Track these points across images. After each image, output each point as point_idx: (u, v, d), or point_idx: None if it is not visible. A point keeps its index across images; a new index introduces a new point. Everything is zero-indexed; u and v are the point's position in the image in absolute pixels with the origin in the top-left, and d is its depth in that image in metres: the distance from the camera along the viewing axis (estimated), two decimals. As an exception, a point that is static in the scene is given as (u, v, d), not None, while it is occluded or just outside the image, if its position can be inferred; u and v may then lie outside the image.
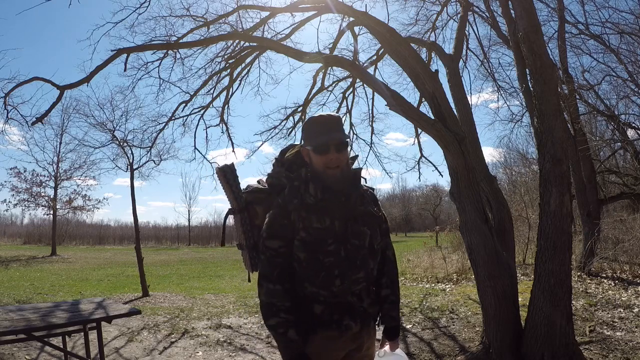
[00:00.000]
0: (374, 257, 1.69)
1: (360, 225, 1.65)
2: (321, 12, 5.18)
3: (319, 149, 1.61)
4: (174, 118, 7.67)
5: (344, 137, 1.63)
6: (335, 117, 1.68)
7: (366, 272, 1.65)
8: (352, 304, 1.64)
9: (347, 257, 1.60)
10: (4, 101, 4.72)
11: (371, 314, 1.72)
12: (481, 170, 4.40)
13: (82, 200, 20.73)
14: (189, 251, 26.20)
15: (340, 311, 1.62)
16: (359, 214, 1.65)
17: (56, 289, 8.84)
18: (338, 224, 1.60)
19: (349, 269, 1.60)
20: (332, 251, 1.58)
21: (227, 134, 8.00)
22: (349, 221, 1.62)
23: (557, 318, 3.45)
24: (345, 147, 1.63)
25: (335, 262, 1.58)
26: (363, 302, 1.67)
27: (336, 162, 1.60)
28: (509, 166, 19.22)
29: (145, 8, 5.94)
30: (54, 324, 3.18)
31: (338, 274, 1.58)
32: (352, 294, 1.63)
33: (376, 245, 1.69)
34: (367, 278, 1.67)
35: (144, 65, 6.66)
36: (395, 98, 3.59)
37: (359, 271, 1.62)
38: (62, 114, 17.60)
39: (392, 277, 1.77)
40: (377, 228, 1.70)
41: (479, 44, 7.88)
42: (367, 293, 1.69)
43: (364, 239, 1.64)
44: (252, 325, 5.70)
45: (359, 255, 1.62)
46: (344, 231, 1.61)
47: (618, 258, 8.21)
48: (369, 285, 1.69)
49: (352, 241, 1.61)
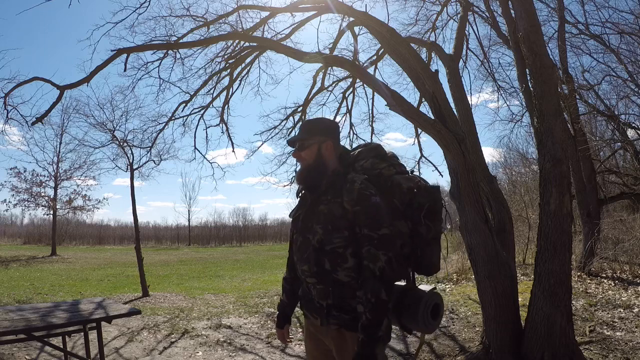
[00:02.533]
0: (328, 257, 1.64)
1: (314, 222, 1.70)
2: (321, 12, 5.18)
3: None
4: (174, 118, 7.68)
5: (302, 137, 1.81)
6: (311, 120, 1.93)
7: (310, 267, 1.69)
8: (311, 296, 1.76)
9: (299, 248, 1.77)
10: (4, 101, 4.71)
11: (336, 317, 1.65)
12: (481, 170, 4.40)
13: (82, 200, 20.67)
14: (189, 251, 26.20)
15: (304, 298, 1.83)
16: (317, 211, 1.71)
17: (56, 289, 8.83)
18: (301, 217, 1.80)
19: (299, 259, 1.77)
20: (294, 240, 1.83)
21: (227, 134, 8.02)
22: (307, 216, 1.76)
23: (557, 318, 3.45)
24: (302, 147, 1.81)
25: (296, 250, 1.81)
26: (321, 300, 1.69)
27: (296, 158, 1.84)
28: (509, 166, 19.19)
29: (145, 8, 5.95)
30: (54, 324, 3.18)
31: (297, 259, 1.80)
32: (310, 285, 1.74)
33: (329, 246, 1.63)
34: (313, 273, 1.69)
35: (144, 65, 6.67)
36: (395, 98, 3.59)
37: (304, 263, 1.73)
38: (62, 114, 17.55)
39: (367, 293, 1.52)
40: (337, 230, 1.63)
41: (479, 44, 7.89)
42: (324, 292, 1.67)
43: (314, 236, 1.69)
44: (252, 325, 5.70)
45: (307, 250, 1.72)
46: (302, 225, 1.78)
47: (618, 258, 8.20)
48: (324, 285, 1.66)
49: (306, 235, 1.74)
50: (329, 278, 1.66)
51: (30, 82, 4.46)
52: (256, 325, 5.69)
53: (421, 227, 1.73)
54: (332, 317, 1.67)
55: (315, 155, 1.79)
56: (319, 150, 1.79)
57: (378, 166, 1.80)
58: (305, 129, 1.84)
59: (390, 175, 1.79)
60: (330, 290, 1.66)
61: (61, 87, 4.34)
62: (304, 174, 1.80)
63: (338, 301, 1.66)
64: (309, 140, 1.80)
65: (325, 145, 1.79)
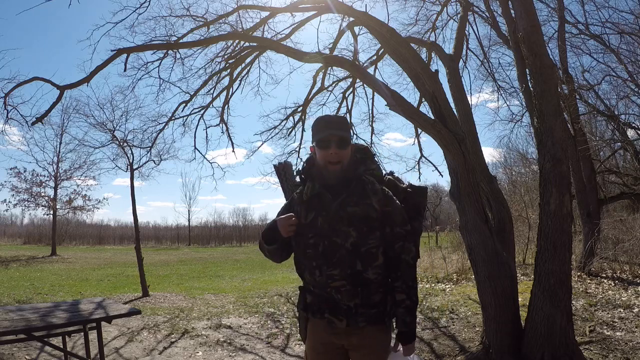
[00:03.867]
0: (361, 258, 1.66)
1: (345, 225, 1.67)
2: (321, 12, 5.18)
3: (321, 143, 1.72)
4: (174, 118, 7.67)
5: (345, 135, 1.73)
6: (341, 117, 1.85)
7: (342, 270, 1.67)
8: (335, 300, 1.70)
9: (323, 253, 1.69)
10: (4, 101, 4.71)
11: (363, 314, 1.69)
12: (481, 170, 4.40)
13: (82, 200, 20.65)
14: (189, 251, 26.19)
15: (323, 304, 1.73)
16: (346, 214, 1.68)
17: (56, 289, 8.83)
18: (322, 220, 1.71)
19: (324, 263, 1.69)
20: (312, 244, 1.72)
21: (227, 134, 8.02)
22: (334, 219, 1.69)
23: (557, 318, 3.45)
24: (346, 145, 1.72)
25: (314, 255, 1.71)
26: (349, 302, 1.68)
27: (336, 157, 1.70)
28: (509, 166, 19.19)
29: (145, 8, 5.94)
30: (54, 324, 3.18)
31: (316, 265, 1.71)
32: (334, 289, 1.69)
33: (365, 248, 1.66)
34: (344, 276, 1.67)
35: (144, 65, 6.66)
36: (395, 98, 3.59)
37: (334, 267, 1.68)
38: (62, 114, 17.54)
39: (407, 281, 1.70)
40: (371, 231, 1.67)
41: (479, 44, 7.88)
42: (352, 293, 1.68)
43: (346, 239, 1.67)
44: (252, 325, 5.70)
45: (336, 253, 1.67)
46: (327, 228, 1.70)
47: (618, 258, 8.20)
48: (353, 286, 1.67)
49: (332, 238, 1.68)
50: (359, 278, 1.68)
51: (30, 82, 4.46)
52: (256, 325, 5.69)
53: (415, 222, 1.83)
54: (359, 315, 1.69)
55: (350, 155, 1.76)
56: (352, 151, 1.77)
57: (370, 167, 1.83)
58: (342, 127, 1.74)
59: (381, 176, 1.85)
60: (358, 291, 1.68)
61: (61, 87, 4.34)
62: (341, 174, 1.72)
63: (365, 300, 1.69)
64: (351, 139, 1.76)
65: (352, 146, 1.78)
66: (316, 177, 1.76)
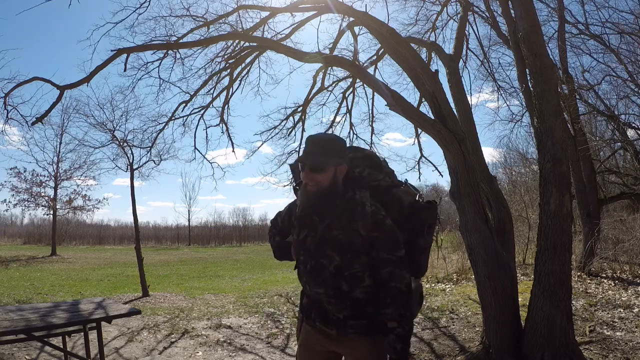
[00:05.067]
0: (346, 280, 1.64)
1: (329, 250, 1.65)
2: (321, 12, 5.18)
3: (299, 164, 1.73)
4: (174, 118, 7.68)
5: (320, 160, 1.66)
6: (326, 139, 1.77)
7: (327, 290, 1.67)
8: (326, 310, 1.72)
9: (310, 271, 1.72)
10: (4, 101, 4.71)
11: (353, 326, 1.67)
12: (481, 170, 4.40)
13: (82, 200, 20.63)
14: (189, 251, 26.19)
15: (315, 311, 1.77)
16: (331, 237, 1.65)
17: (56, 289, 8.83)
18: (310, 240, 1.73)
19: (311, 281, 1.73)
20: (302, 261, 1.77)
21: (227, 134, 8.02)
22: (320, 241, 1.69)
23: (557, 318, 3.46)
24: (320, 170, 1.65)
25: (303, 271, 1.77)
26: (338, 313, 1.68)
27: (309, 181, 1.67)
28: (509, 166, 19.16)
29: (145, 8, 5.94)
30: (54, 324, 3.18)
31: (305, 281, 1.77)
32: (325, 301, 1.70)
33: (348, 272, 1.62)
34: (329, 295, 1.67)
35: (144, 65, 6.66)
36: (395, 98, 3.59)
37: (319, 287, 1.70)
38: (62, 114, 17.49)
39: (399, 310, 1.59)
40: (356, 257, 1.62)
41: (479, 44, 7.88)
42: (341, 307, 1.67)
43: (330, 262, 1.65)
44: (252, 325, 5.70)
45: (321, 274, 1.68)
46: (313, 249, 1.71)
47: (618, 258, 8.20)
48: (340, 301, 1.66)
49: (319, 260, 1.68)
50: (345, 297, 1.66)
51: (30, 82, 4.46)
52: (256, 325, 5.69)
53: (421, 239, 1.78)
54: (349, 327, 1.67)
55: (331, 179, 1.67)
56: (335, 174, 1.68)
57: (376, 177, 1.78)
58: (321, 150, 1.69)
59: (388, 187, 1.78)
60: (347, 304, 1.67)
61: (61, 87, 4.34)
62: (316, 200, 1.67)
63: (354, 312, 1.67)
64: (327, 165, 1.66)
65: (340, 168, 1.70)
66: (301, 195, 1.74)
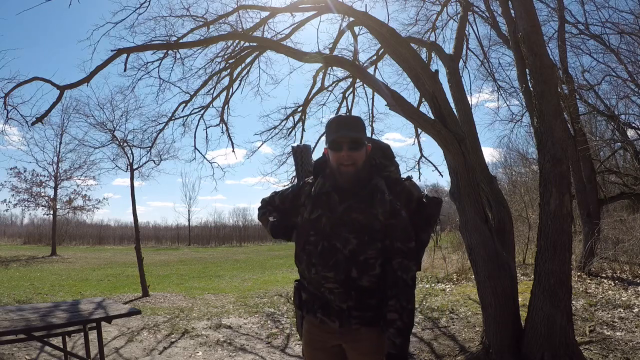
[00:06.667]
0: (357, 266, 1.63)
1: (347, 231, 1.64)
2: (321, 12, 5.18)
3: (333, 145, 1.67)
4: (174, 118, 7.68)
5: (358, 136, 1.65)
6: (355, 117, 1.74)
7: (337, 274, 1.64)
8: (328, 300, 1.69)
9: (321, 253, 1.68)
10: (4, 101, 4.71)
11: (357, 317, 1.66)
12: (481, 170, 4.40)
13: (82, 200, 20.60)
14: (189, 251, 26.18)
15: (317, 303, 1.73)
16: (350, 219, 1.65)
17: (56, 289, 8.83)
18: (325, 220, 1.68)
19: (320, 263, 1.68)
20: (312, 242, 1.71)
21: (227, 134, 8.02)
22: (337, 222, 1.66)
23: (557, 318, 3.46)
24: (359, 146, 1.65)
25: (313, 253, 1.70)
26: (342, 304, 1.67)
27: (348, 160, 1.64)
28: (509, 166, 19.16)
29: (145, 8, 5.94)
30: (54, 324, 3.19)
31: (313, 263, 1.70)
32: (327, 290, 1.68)
33: (363, 256, 1.62)
34: (337, 280, 1.65)
35: (144, 65, 6.67)
36: (395, 98, 3.59)
37: (329, 270, 1.66)
38: (62, 114, 17.46)
39: (402, 302, 1.58)
40: (372, 241, 1.63)
41: (479, 44, 7.89)
42: (345, 296, 1.65)
43: (346, 245, 1.64)
44: (252, 325, 5.70)
45: (334, 257, 1.65)
46: (329, 229, 1.67)
47: (618, 258, 8.20)
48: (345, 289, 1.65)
49: (332, 241, 1.66)
50: (353, 284, 1.65)
51: (30, 82, 4.46)
52: (256, 325, 5.69)
53: (424, 234, 1.76)
54: (353, 317, 1.67)
55: (365, 157, 1.67)
56: (366, 153, 1.69)
57: (388, 169, 1.79)
58: (356, 127, 1.68)
59: (398, 179, 1.78)
60: (352, 294, 1.66)
61: (61, 87, 4.34)
62: (355, 177, 1.65)
63: (359, 303, 1.66)
64: (363, 140, 1.66)
65: (368, 147, 1.70)
66: (328, 176, 1.72)
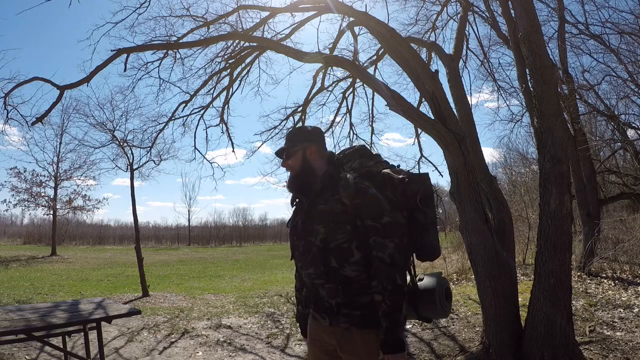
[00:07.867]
0: (333, 254, 1.65)
1: (315, 223, 1.70)
2: (321, 12, 5.18)
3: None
4: (174, 118, 7.68)
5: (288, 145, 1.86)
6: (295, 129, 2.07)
7: (317, 268, 1.68)
8: (319, 296, 1.74)
9: (302, 253, 1.76)
10: (4, 101, 4.71)
11: (345, 315, 1.65)
12: (481, 170, 4.40)
13: (82, 200, 20.63)
14: (189, 251, 26.18)
15: (311, 299, 1.81)
16: (316, 212, 1.71)
17: (56, 289, 8.83)
18: (300, 222, 1.79)
19: (303, 264, 1.76)
20: (296, 246, 1.80)
21: (227, 134, 8.03)
22: (307, 219, 1.75)
23: (557, 318, 3.45)
24: (290, 154, 1.84)
25: (298, 256, 1.80)
26: (331, 299, 1.68)
27: (287, 167, 1.86)
28: (509, 166, 19.18)
29: (145, 8, 5.95)
30: (54, 324, 3.18)
31: (300, 266, 1.81)
32: (319, 286, 1.72)
33: (334, 243, 1.64)
34: (319, 275, 1.68)
35: (144, 65, 6.67)
36: (395, 98, 3.59)
37: (309, 266, 1.72)
38: (62, 114, 17.49)
39: (382, 282, 1.56)
40: (339, 226, 1.64)
41: (479, 44, 7.89)
42: (333, 291, 1.66)
43: (317, 237, 1.68)
44: (252, 325, 5.70)
45: (310, 252, 1.71)
46: (302, 228, 1.77)
47: (618, 258, 8.19)
48: (331, 284, 1.66)
49: (308, 238, 1.73)
50: (336, 276, 1.66)
51: (30, 82, 4.46)
52: (256, 325, 5.69)
53: (418, 213, 1.77)
54: (342, 315, 1.66)
55: (301, 160, 1.83)
56: (304, 156, 1.83)
57: (366, 164, 1.84)
58: (289, 138, 1.90)
59: (379, 171, 1.83)
60: (339, 289, 1.66)
61: (61, 87, 4.34)
62: (294, 181, 1.83)
63: (347, 299, 1.66)
64: (293, 148, 1.84)
65: (309, 150, 1.83)
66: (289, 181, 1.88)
